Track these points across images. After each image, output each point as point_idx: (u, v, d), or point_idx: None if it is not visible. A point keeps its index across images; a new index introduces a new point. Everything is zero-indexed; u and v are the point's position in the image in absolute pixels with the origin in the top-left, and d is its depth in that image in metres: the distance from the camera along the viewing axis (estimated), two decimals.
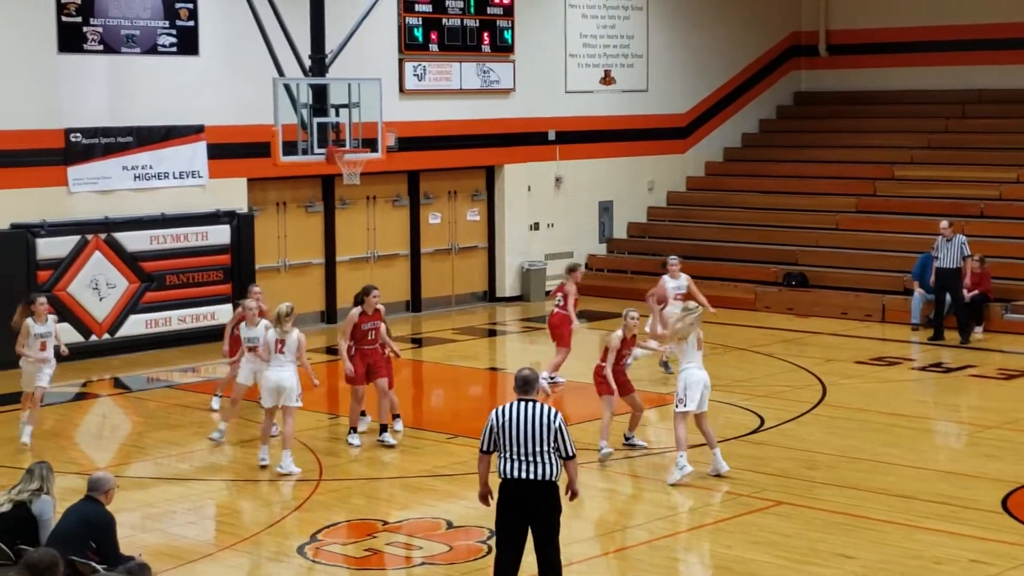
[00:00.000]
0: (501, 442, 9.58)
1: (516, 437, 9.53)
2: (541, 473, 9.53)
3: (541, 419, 9.55)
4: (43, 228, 19.60)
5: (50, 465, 10.13)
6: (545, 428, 9.52)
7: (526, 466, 9.53)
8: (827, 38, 30.27)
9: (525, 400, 9.67)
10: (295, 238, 22.94)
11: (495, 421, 9.60)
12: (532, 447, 9.51)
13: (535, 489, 9.55)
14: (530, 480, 9.53)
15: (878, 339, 21.52)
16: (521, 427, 9.53)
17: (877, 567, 10.96)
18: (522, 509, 9.62)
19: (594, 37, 26.77)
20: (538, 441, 9.51)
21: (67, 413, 17.49)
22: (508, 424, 9.57)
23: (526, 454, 9.52)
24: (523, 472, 9.53)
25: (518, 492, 9.58)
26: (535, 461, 9.53)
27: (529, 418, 9.55)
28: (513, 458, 9.55)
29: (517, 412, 9.58)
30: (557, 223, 26.29)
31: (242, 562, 11.42)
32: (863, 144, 27.95)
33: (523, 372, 9.84)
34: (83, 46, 19.94)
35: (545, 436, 9.52)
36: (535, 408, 9.60)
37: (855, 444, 14.94)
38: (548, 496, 9.60)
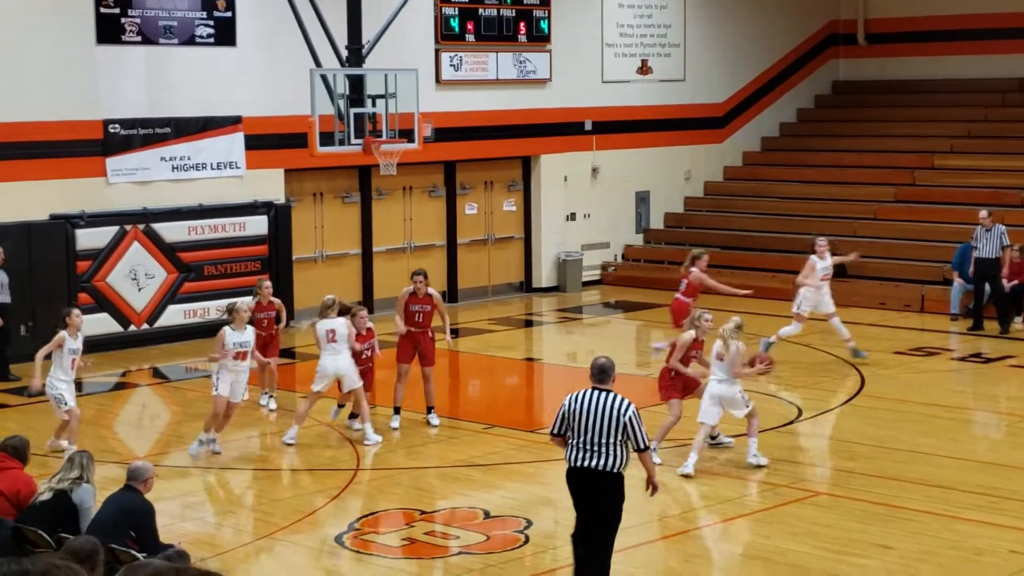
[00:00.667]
0: (571, 429, 9.58)
1: (585, 425, 9.51)
2: (605, 463, 9.51)
3: (611, 409, 9.50)
4: (82, 219, 19.71)
5: (91, 454, 10.20)
6: (614, 418, 9.48)
7: (591, 455, 9.52)
8: (866, 27, 30.08)
9: (599, 389, 9.63)
10: (332, 229, 22.99)
11: (567, 407, 9.61)
12: (600, 437, 9.48)
13: (597, 478, 9.54)
14: (593, 469, 9.52)
15: (917, 329, 21.39)
16: (590, 416, 9.51)
17: (916, 558, 10.90)
18: (584, 497, 9.65)
19: (631, 27, 26.69)
20: (606, 431, 9.47)
21: (106, 403, 17.60)
22: (579, 411, 9.55)
23: (594, 443, 9.50)
24: (587, 461, 9.52)
25: (581, 480, 9.60)
26: (600, 452, 9.50)
27: (600, 407, 9.52)
28: (579, 446, 9.56)
29: (589, 400, 9.57)
30: (593, 213, 26.23)
31: (280, 551, 11.46)
32: (902, 133, 27.77)
33: (599, 360, 9.79)
34: (121, 37, 20.04)
35: (614, 426, 9.48)
36: (607, 398, 9.57)
37: (894, 435, 14.86)
38: (611, 486, 9.59)
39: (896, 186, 26.15)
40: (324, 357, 14.71)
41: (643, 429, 9.62)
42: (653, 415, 14.95)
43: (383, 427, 15.23)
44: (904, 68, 29.50)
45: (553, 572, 10.96)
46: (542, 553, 11.31)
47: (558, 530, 12.05)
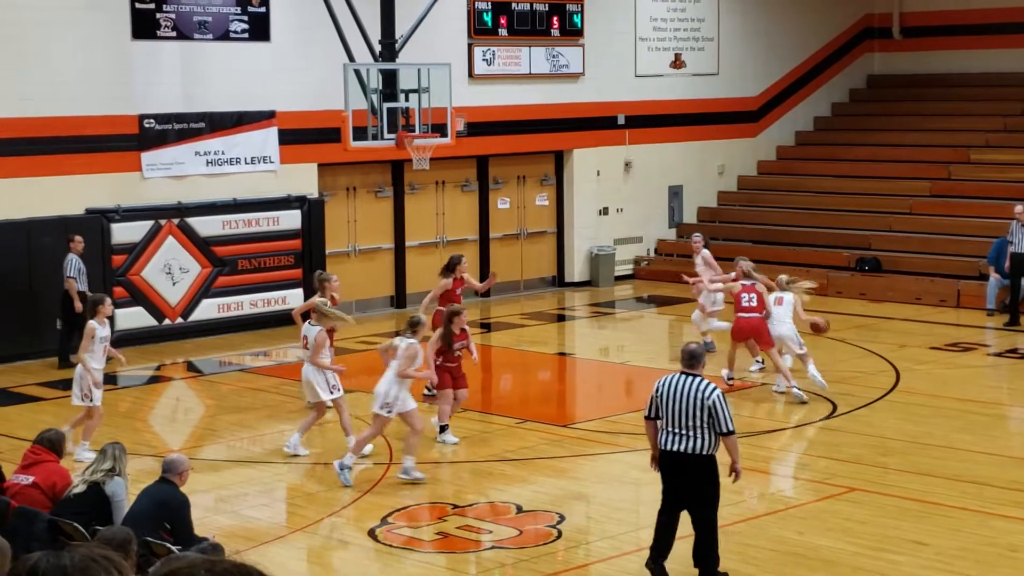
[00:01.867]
0: (661, 413, 9.98)
1: (673, 409, 9.90)
2: (693, 447, 9.85)
3: (696, 393, 9.85)
4: (117, 213, 19.81)
5: (123, 445, 10.24)
6: (699, 402, 9.82)
7: (680, 439, 9.90)
8: (901, 20, 29.91)
9: (687, 374, 10.00)
10: (365, 223, 23.03)
11: (656, 391, 10.03)
12: (686, 420, 9.84)
13: (686, 461, 9.89)
14: (681, 452, 9.88)
15: (952, 325, 21.26)
16: (677, 400, 9.89)
17: (951, 554, 10.84)
18: (676, 479, 9.99)
19: (664, 20, 26.62)
20: (692, 415, 9.82)
21: (141, 396, 17.70)
22: (667, 395, 9.96)
23: (682, 427, 9.88)
24: (676, 444, 9.90)
25: (672, 463, 9.97)
26: (687, 434, 9.86)
27: (686, 391, 9.88)
28: (669, 430, 9.95)
29: (677, 384, 9.95)
30: (626, 208, 26.18)
31: (314, 544, 11.50)
32: (937, 128, 27.60)
33: (690, 346, 10.30)
34: (156, 32, 20.12)
35: (698, 410, 9.81)
36: (694, 382, 9.93)
37: (929, 430, 14.78)
38: (701, 469, 9.91)
39: (931, 180, 25.99)
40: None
41: (729, 413, 9.90)
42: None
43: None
44: (939, 62, 29.32)
45: (585, 567, 10.95)
46: (575, 548, 11.30)
47: (591, 525, 12.04)
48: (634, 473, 13.60)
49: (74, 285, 18.20)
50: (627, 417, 15.81)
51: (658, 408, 10.04)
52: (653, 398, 10.06)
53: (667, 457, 9.99)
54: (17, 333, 18.84)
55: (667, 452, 9.96)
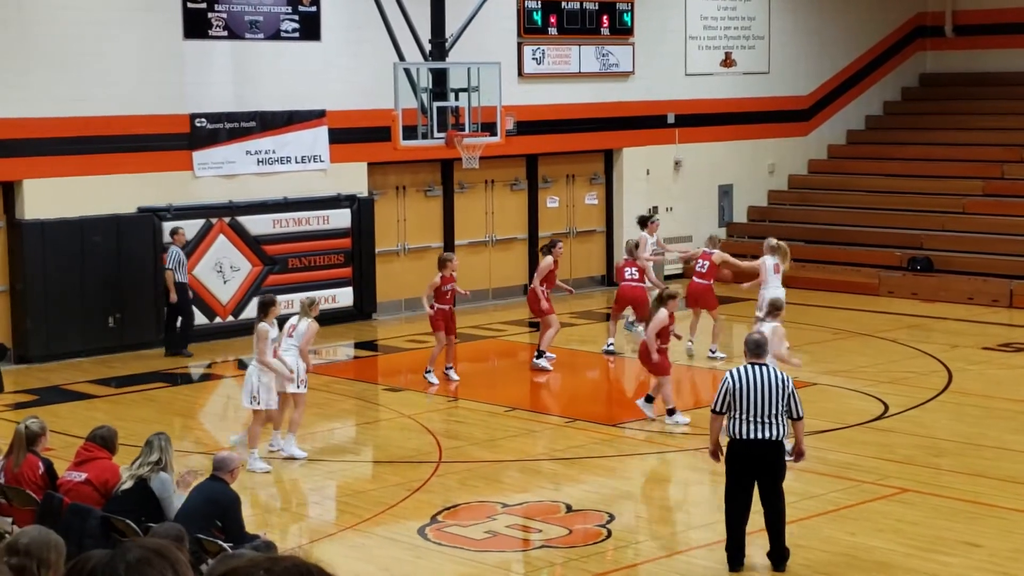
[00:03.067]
0: (737, 404, 10.20)
1: (752, 399, 10.15)
2: (773, 434, 10.20)
3: (776, 382, 10.23)
4: (169, 212, 19.94)
5: (168, 436, 10.27)
6: (780, 391, 10.20)
7: (760, 427, 10.17)
8: (953, 18, 29.64)
9: (758, 364, 10.35)
10: (414, 222, 23.07)
11: (732, 383, 10.24)
12: (767, 409, 10.15)
13: (766, 448, 10.22)
14: (763, 440, 10.18)
15: (1005, 325, 21.07)
16: (757, 389, 10.17)
17: (1005, 556, 10.74)
18: (753, 466, 10.28)
19: (715, 19, 26.52)
20: (773, 403, 10.15)
21: (192, 394, 17.81)
22: (744, 386, 10.19)
23: (761, 415, 10.16)
24: (757, 432, 10.17)
25: (751, 451, 10.22)
26: (768, 422, 10.18)
27: (765, 381, 10.20)
28: (749, 419, 10.18)
29: (753, 375, 10.25)
30: (676, 207, 26.09)
31: (364, 542, 11.53)
32: (990, 126, 27.34)
33: (754, 336, 10.74)
34: (208, 32, 20.24)
35: (779, 398, 10.18)
36: (769, 371, 10.31)
37: (981, 431, 14.64)
38: (777, 454, 10.31)
39: (984, 179, 25.75)
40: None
41: (799, 398, 10.34)
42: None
43: (462, 426, 15.22)
44: (992, 60, 29.04)
45: (634, 567, 10.93)
46: (624, 548, 11.28)
47: (640, 524, 12.02)
48: (683, 473, 13.57)
49: (172, 276, 19.00)
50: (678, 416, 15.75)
51: (729, 402, 10.23)
52: (729, 391, 10.23)
53: (750, 446, 10.21)
54: (71, 331, 19.00)
55: (749, 441, 10.19)
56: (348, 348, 20.55)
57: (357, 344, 20.62)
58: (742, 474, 10.35)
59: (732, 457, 10.38)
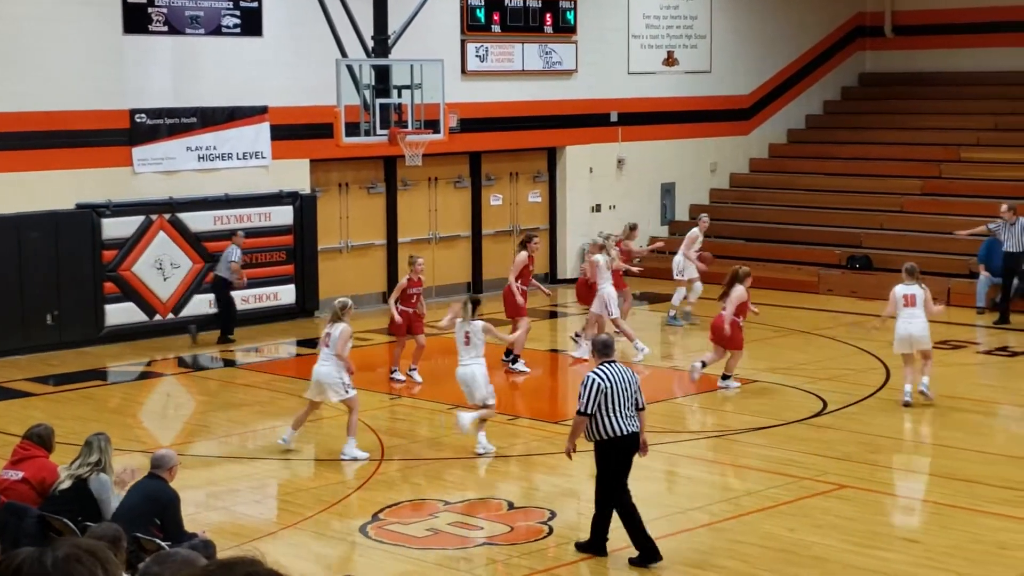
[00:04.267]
0: (607, 402, 10.53)
1: (622, 396, 10.59)
2: (636, 426, 10.71)
3: (631, 377, 10.74)
4: (108, 208, 19.77)
5: (108, 436, 10.21)
6: (636, 385, 10.74)
7: (631, 420, 10.65)
8: (893, 19, 29.94)
9: (613, 361, 10.78)
10: (357, 219, 23.02)
11: (602, 383, 10.56)
12: (631, 403, 10.65)
13: (635, 440, 10.72)
14: (633, 433, 10.66)
15: (943, 323, 21.24)
16: (623, 386, 10.62)
17: (942, 551, 10.86)
18: (628, 458, 10.73)
19: (657, 18, 26.62)
20: (633, 397, 10.68)
21: (131, 392, 17.68)
22: (614, 385, 10.58)
23: (629, 410, 10.63)
24: (631, 426, 10.64)
25: (627, 444, 10.65)
26: (633, 416, 10.69)
27: (626, 377, 10.69)
28: (621, 415, 10.60)
29: (617, 373, 10.65)
30: (619, 205, 26.19)
31: (305, 541, 11.49)
32: (929, 126, 27.63)
33: (603, 337, 11.23)
34: (148, 27, 20.08)
35: (636, 392, 10.72)
36: (625, 368, 10.81)
37: (919, 428, 14.80)
38: (637, 445, 10.80)
39: (922, 179, 26.03)
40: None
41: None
42: (679, 407, 14.87)
43: (405, 424, 15.22)
44: (931, 60, 29.35)
45: (576, 563, 10.96)
46: (565, 544, 11.30)
47: (582, 521, 12.04)
48: None
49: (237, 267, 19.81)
50: None
51: (600, 402, 10.52)
52: (601, 391, 10.51)
53: (628, 440, 10.62)
54: (8, 328, 18.81)
55: (628, 435, 10.60)
56: (290, 346, 20.47)
57: (299, 342, 20.54)
58: (622, 467, 10.72)
59: (613, 452, 10.65)
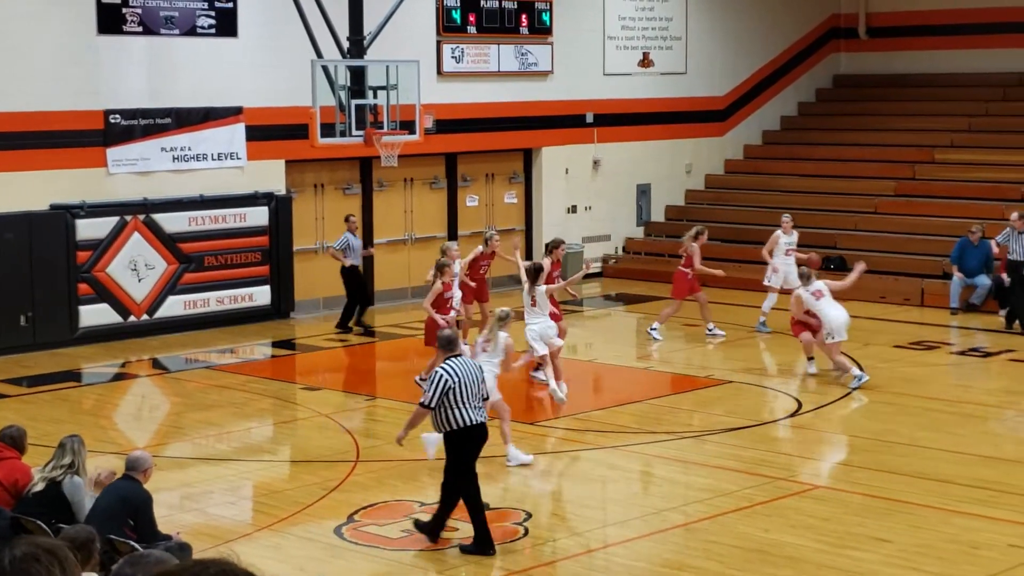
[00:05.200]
0: (457, 394, 10.96)
1: (471, 389, 11.06)
2: (484, 416, 11.24)
3: (477, 371, 11.27)
4: (82, 209, 19.70)
5: (82, 439, 10.19)
6: (481, 377, 11.27)
7: (479, 411, 11.14)
8: (867, 20, 30.07)
9: (459, 355, 11.32)
10: (333, 220, 22.96)
11: (454, 377, 10.98)
12: (479, 394, 11.15)
13: (484, 430, 11.24)
14: (482, 423, 11.17)
15: (916, 323, 21.40)
16: (471, 379, 11.09)
17: (914, 551, 10.91)
18: (476, 448, 11.21)
19: (632, 19, 26.67)
20: (480, 389, 11.19)
21: (106, 393, 17.62)
22: (463, 378, 11.03)
23: (476, 402, 11.12)
24: (479, 416, 11.12)
25: (477, 434, 11.14)
26: (480, 407, 11.19)
27: (473, 370, 11.22)
28: (471, 407, 11.06)
29: (464, 367, 11.14)
30: (594, 206, 26.24)
31: (280, 542, 11.48)
32: (903, 127, 27.76)
33: (446, 332, 11.79)
34: (122, 27, 20.02)
35: (481, 384, 11.23)
36: (472, 362, 11.39)
37: (893, 428, 14.87)
38: (486, 435, 11.30)
39: (896, 180, 26.14)
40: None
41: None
42: (655, 408, 14.88)
43: (380, 426, 15.21)
44: (905, 62, 29.49)
45: (552, 564, 10.98)
46: (541, 545, 11.33)
47: (557, 522, 12.07)
48: (600, 470, 13.65)
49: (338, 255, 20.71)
50: (594, 415, 15.86)
51: (447, 395, 10.93)
52: (448, 385, 10.92)
53: (475, 430, 11.08)
54: None
55: (479, 426, 11.08)
56: (265, 347, 20.44)
57: (274, 343, 20.51)
58: (469, 456, 11.15)
59: (465, 442, 11.07)
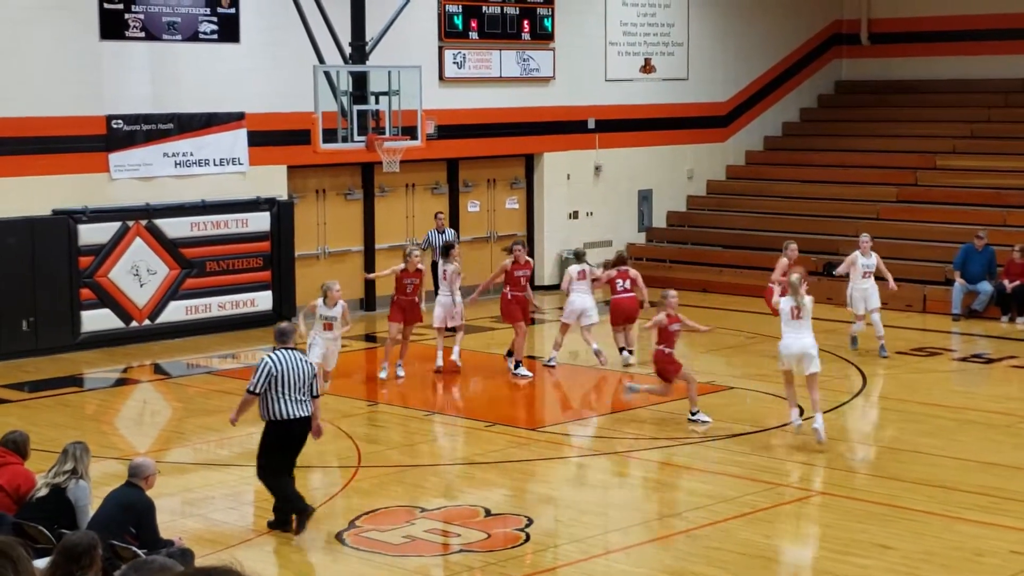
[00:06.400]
0: (277, 385, 11.39)
1: (292, 381, 11.42)
2: (306, 411, 11.52)
3: (305, 365, 11.57)
4: (85, 214, 19.71)
5: (85, 445, 10.17)
6: (309, 373, 11.54)
7: (299, 405, 11.46)
8: (869, 26, 30.07)
9: (289, 348, 11.64)
10: (334, 225, 23.00)
11: (273, 366, 11.43)
12: (302, 388, 11.46)
13: (304, 424, 11.54)
14: (303, 417, 11.48)
15: (919, 329, 21.38)
16: (294, 371, 11.44)
17: (917, 558, 10.90)
18: (292, 441, 11.58)
19: (634, 25, 26.68)
20: (305, 383, 11.47)
21: (108, 399, 17.61)
22: (285, 370, 11.42)
23: (298, 395, 11.44)
24: (299, 410, 11.45)
25: (294, 428, 11.50)
26: (304, 400, 11.49)
27: (298, 364, 11.51)
28: (290, 398, 11.43)
29: (289, 359, 11.48)
30: (596, 212, 26.23)
31: (281, 548, 11.47)
32: (905, 133, 27.75)
33: (282, 325, 12.06)
34: (125, 33, 20.03)
35: (308, 380, 11.50)
36: (299, 356, 11.65)
37: (895, 435, 14.85)
38: (308, 429, 11.66)
39: (898, 186, 26.14)
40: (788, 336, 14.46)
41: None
42: (657, 414, 14.89)
43: (381, 431, 15.20)
44: (907, 68, 29.49)
45: (554, 570, 10.97)
46: (543, 551, 11.32)
47: (559, 528, 12.06)
48: (602, 476, 13.64)
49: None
50: (595, 420, 15.85)
51: (269, 383, 11.37)
52: (270, 373, 11.37)
53: (292, 423, 11.45)
54: None
55: (293, 419, 11.43)
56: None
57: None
58: (283, 448, 11.53)
59: (276, 432, 11.49)
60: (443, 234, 21.53)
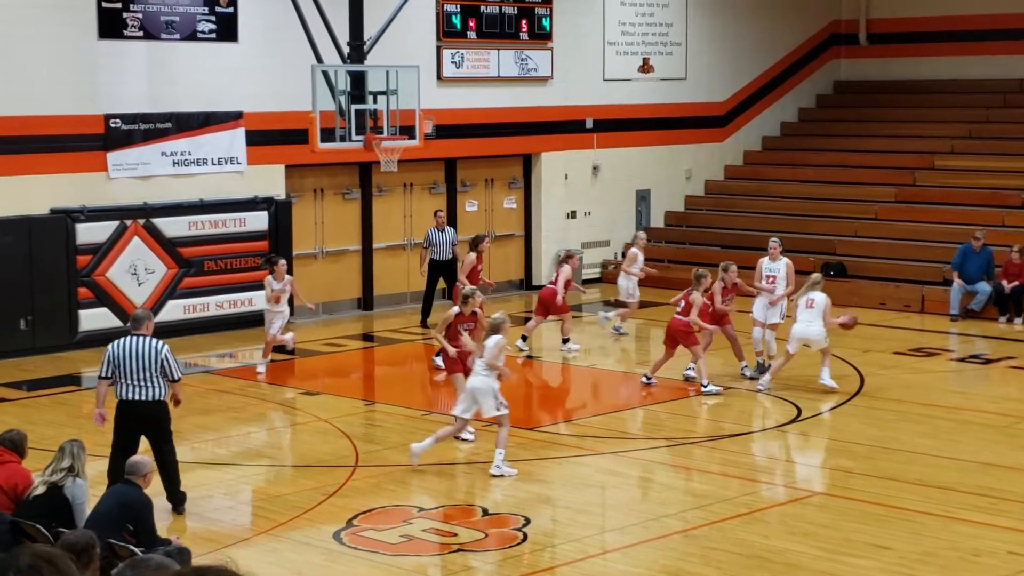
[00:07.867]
0: (119, 370, 11.78)
1: (131, 366, 11.76)
2: (151, 395, 11.82)
3: (149, 350, 11.83)
4: (82, 213, 19.71)
5: (82, 443, 10.18)
6: (154, 357, 11.81)
7: (138, 389, 11.79)
8: (867, 26, 30.09)
9: (138, 335, 11.91)
10: (332, 225, 22.99)
11: (112, 353, 11.82)
12: (144, 374, 11.76)
13: (147, 408, 11.84)
14: (140, 401, 11.80)
15: (917, 330, 21.40)
16: (134, 357, 11.77)
17: (914, 558, 10.90)
18: (137, 424, 11.88)
19: (633, 25, 26.69)
20: (146, 369, 11.76)
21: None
22: (123, 355, 11.78)
23: (139, 380, 11.77)
24: (136, 394, 11.79)
25: (135, 411, 11.84)
26: (145, 385, 11.79)
27: (140, 349, 11.81)
28: (129, 383, 11.81)
29: (130, 344, 11.84)
30: (594, 212, 26.24)
31: (278, 547, 11.46)
32: (903, 134, 27.77)
33: (137, 312, 12.33)
34: (123, 32, 20.02)
35: (151, 365, 11.79)
36: (145, 341, 11.88)
37: (893, 435, 14.86)
38: (158, 412, 11.92)
39: (897, 186, 26.15)
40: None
41: (177, 364, 11.99)
42: (654, 413, 14.88)
43: (379, 431, 15.21)
44: (905, 68, 29.50)
45: (551, 570, 10.97)
46: (540, 551, 11.31)
47: (556, 528, 12.06)
48: (599, 476, 13.64)
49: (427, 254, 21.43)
50: (593, 420, 15.85)
51: (114, 370, 11.78)
52: (110, 360, 11.79)
53: (133, 407, 11.80)
54: None
55: (133, 402, 11.78)
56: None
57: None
58: (129, 430, 11.87)
59: (118, 414, 11.90)
60: (443, 232, 21.54)
